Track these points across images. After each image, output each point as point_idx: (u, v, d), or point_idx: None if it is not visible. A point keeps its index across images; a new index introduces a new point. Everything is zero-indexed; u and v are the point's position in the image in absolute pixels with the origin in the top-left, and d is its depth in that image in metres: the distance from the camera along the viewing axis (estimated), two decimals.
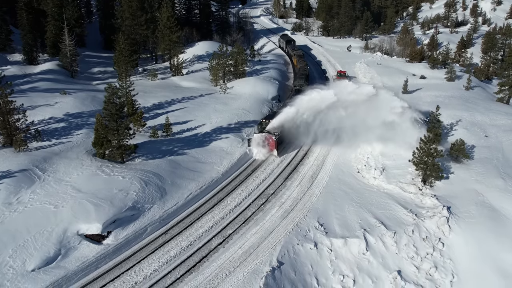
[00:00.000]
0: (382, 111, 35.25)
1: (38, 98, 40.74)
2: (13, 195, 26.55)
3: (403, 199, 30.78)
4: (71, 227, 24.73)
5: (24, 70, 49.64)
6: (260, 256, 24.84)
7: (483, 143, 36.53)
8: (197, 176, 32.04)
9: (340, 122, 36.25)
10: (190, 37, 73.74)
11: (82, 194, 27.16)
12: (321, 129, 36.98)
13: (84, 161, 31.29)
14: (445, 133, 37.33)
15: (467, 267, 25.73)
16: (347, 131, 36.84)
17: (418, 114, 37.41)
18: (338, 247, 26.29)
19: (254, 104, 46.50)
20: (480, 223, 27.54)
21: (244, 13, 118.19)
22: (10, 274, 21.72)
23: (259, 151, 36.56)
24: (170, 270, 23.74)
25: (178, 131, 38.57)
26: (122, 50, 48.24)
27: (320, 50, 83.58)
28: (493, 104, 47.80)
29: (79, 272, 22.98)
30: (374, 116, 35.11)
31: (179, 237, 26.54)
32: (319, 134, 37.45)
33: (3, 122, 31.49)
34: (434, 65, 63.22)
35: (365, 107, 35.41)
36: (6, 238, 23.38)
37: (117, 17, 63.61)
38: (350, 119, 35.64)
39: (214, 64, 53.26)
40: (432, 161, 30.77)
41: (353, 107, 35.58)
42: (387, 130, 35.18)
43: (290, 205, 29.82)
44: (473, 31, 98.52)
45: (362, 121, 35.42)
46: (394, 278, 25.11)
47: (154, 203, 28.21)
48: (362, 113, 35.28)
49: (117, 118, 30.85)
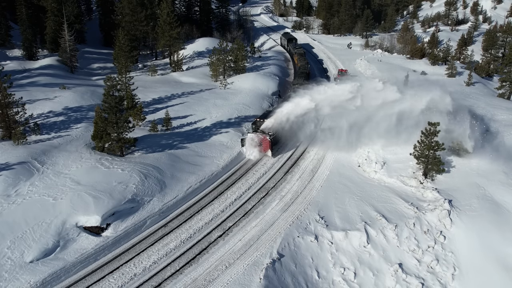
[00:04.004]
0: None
1: (37, 93, 40.60)
2: (12, 187, 26.39)
3: (404, 193, 30.59)
4: (70, 219, 24.57)
5: (23, 65, 49.43)
6: (261, 248, 24.66)
7: (484, 137, 36.28)
8: (197, 169, 31.86)
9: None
10: (190, 34, 73.63)
11: (81, 186, 26.99)
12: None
13: (83, 154, 31.12)
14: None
15: (469, 260, 25.51)
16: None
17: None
18: (338, 239, 26.11)
19: (254, 99, 46.33)
20: (481, 216, 27.33)
21: (244, 11, 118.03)
22: (8, 265, 21.57)
23: (252, 151, 35.27)
24: (170, 262, 23.56)
25: (178, 126, 38.42)
26: (122, 46, 48.04)
27: (321, 47, 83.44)
28: (494, 99, 47.67)
29: (77, 264, 22.82)
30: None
31: (178, 229, 26.36)
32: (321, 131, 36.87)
33: (2, 115, 31.33)
34: (434, 61, 63.09)
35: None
36: (4, 229, 23.20)
37: (117, 13, 63.46)
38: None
39: (214, 60, 53.13)
40: (433, 154, 30.59)
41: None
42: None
43: (291, 198, 29.63)
44: (474, 29, 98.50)
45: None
46: (395, 271, 24.94)
47: (153, 196, 28.04)
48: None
49: (116, 111, 30.67)
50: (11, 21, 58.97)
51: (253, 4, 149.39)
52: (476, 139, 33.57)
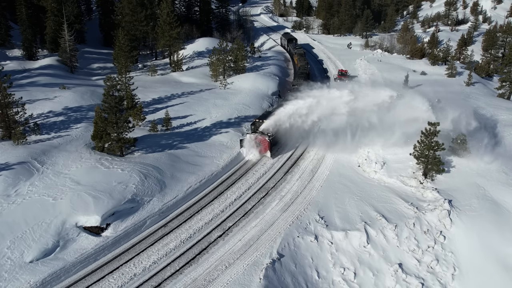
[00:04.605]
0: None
1: (37, 93, 40.58)
2: (12, 187, 26.39)
3: (404, 193, 30.58)
4: (70, 219, 24.56)
5: (23, 65, 49.40)
6: (260, 248, 24.65)
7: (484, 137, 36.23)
8: (197, 169, 31.85)
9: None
10: (190, 34, 73.62)
11: (81, 186, 26.98)
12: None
13: (83, 154, 31.11)
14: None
15: (469, 260, 25.52)
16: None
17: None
18: (338, 239, 26.10)
19: (254, 99, 46.32)
20: (481, 216, 27.33)
21: (244, 11, 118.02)
22: (8, 265, 21.57)
23: (251, 152, 35.11)
24: (170, 262, 23.57)
25: (177, 126, 38.40)
26: (121, 46, 48.01)
27: (321, 47, 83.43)
28: (494, 99, 47.68)
29: (77, 264, 22.81)
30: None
31: (178, 229, 26.36)
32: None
33: (2, 115, 31.32)
34: (434, 61, 63.09)
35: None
36: (4, 229, 23.20)
37: (117, 13, 63.44)
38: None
39: (214, 60, 53.12)
40: (433, 154, 30.58)
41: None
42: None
43: (291, 199, 29.62)
44: (474, 29, 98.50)
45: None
46: (395, 271, 24.93)
47: (153, 196, 28.03)
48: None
49: (116, 111, 30.65)
50: (11, 21, 58.92)
51: (253, 4, 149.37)
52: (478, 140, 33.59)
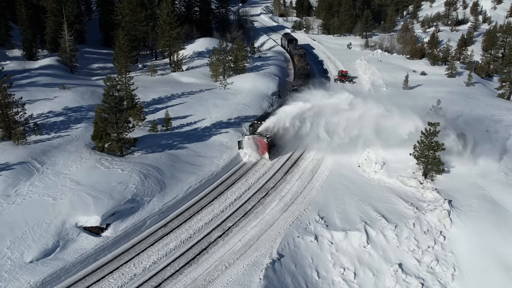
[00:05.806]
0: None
1: (37, 93, 40.59)
2: (12, 187, 26.40)
3: (404, 193, 30.55)
4: (70, 219, 24.56)
5: (23, 66, 49.43)
6: (260, 248, 24.65)
7: (484, 137, 36.22)
8: (197, 169, 31.86)
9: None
10: (190, 34, 73.69)
11: (81, 186, 26.99)
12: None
13: (83, 154, 31.12)
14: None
15: (469, 260, 25.47)
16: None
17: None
18: (338, 240, 26.09)
19: (254, 99, 46.35)
20: (481, 217, 27.29)
21: (244, 12, 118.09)
22: (8, 265, 21.56)
23: (250, 154, 34.93)
24: (170, 262, 23.57)
25: (177, 126, 38.42)
26: (121, 46, 48.02)
27: (321, 47, 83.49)
28: (494, 99, 47.65)
29: (77, 264, 22.81)
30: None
31: (178, 230, 26.36)
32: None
33: (2, 115, 31.32)
34: (434, 61, 63.10)
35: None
36: (4, 229, 23.20)
37: (117, 14, 63.45)
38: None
39: (214, 60, 53.15)
40: (433, 154, 30.57)
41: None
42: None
43: (290, 199, 29.63)
44: (474, 29, 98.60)
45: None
46: (395, 271, 24.92)
47: (153, 196, 28.04)
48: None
49: (116, 111, 30.65)
50: (11, 21, 58.93)
51: (253, 4, 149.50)
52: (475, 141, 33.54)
